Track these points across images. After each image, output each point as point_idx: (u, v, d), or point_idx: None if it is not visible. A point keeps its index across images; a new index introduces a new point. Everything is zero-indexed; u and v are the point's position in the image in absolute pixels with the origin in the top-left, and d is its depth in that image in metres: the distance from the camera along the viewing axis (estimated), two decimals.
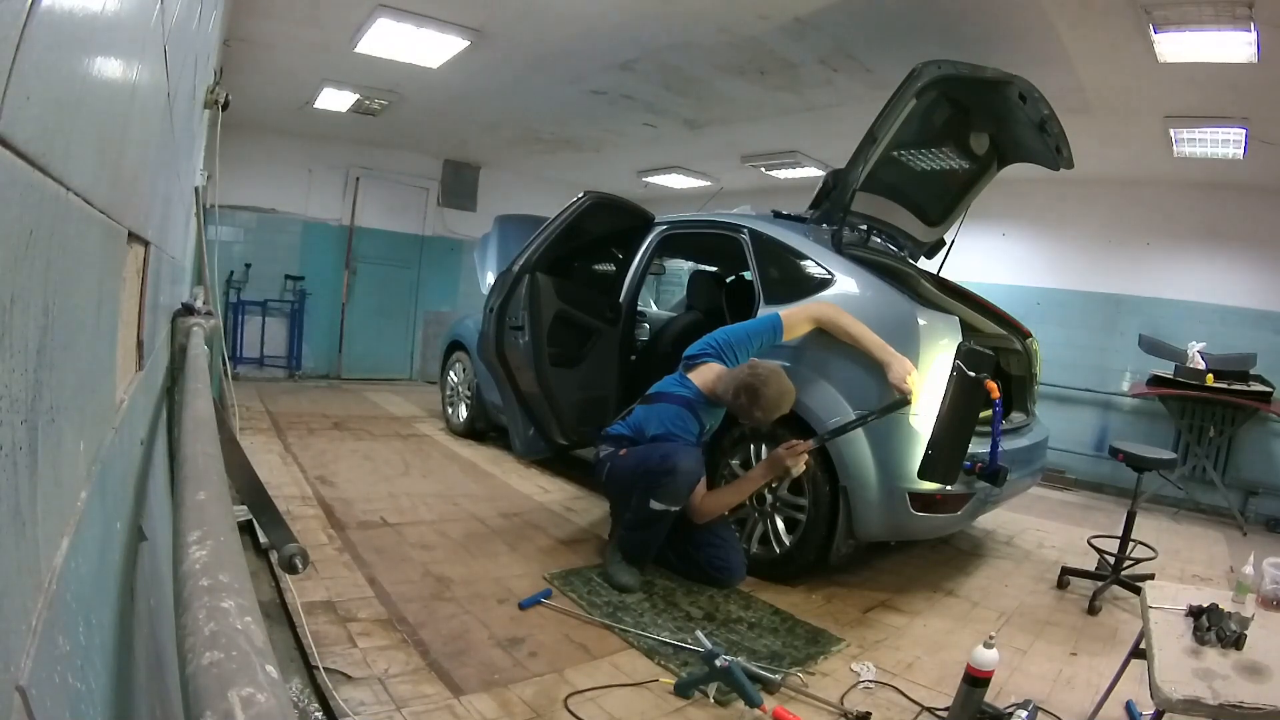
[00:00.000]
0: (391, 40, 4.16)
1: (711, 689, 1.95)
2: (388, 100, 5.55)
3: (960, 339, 2.66)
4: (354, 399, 6.43)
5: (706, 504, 2.73)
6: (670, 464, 2.57)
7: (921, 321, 2.69)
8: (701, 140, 5.85)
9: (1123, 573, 2.96)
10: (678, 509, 2.63)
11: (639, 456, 2.70)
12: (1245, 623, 1.60)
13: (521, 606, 2.42)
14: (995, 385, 2.59)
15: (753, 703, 1.87)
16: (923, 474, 2.56)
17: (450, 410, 5.35)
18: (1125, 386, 5.42)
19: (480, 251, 4.90)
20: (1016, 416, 3.52)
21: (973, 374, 2.53)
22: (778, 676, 2.03)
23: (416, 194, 7.91)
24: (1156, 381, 4.91)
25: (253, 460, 1.52)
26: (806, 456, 2.64)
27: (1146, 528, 3.83)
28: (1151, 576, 2.94)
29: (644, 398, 2.94)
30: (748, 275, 3.81)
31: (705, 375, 2.78)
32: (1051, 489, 5.27)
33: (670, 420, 2.73)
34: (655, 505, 2.59)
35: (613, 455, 2.85)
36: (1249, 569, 1.81)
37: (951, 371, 2.55)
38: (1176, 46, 3.08)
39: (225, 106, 2.46)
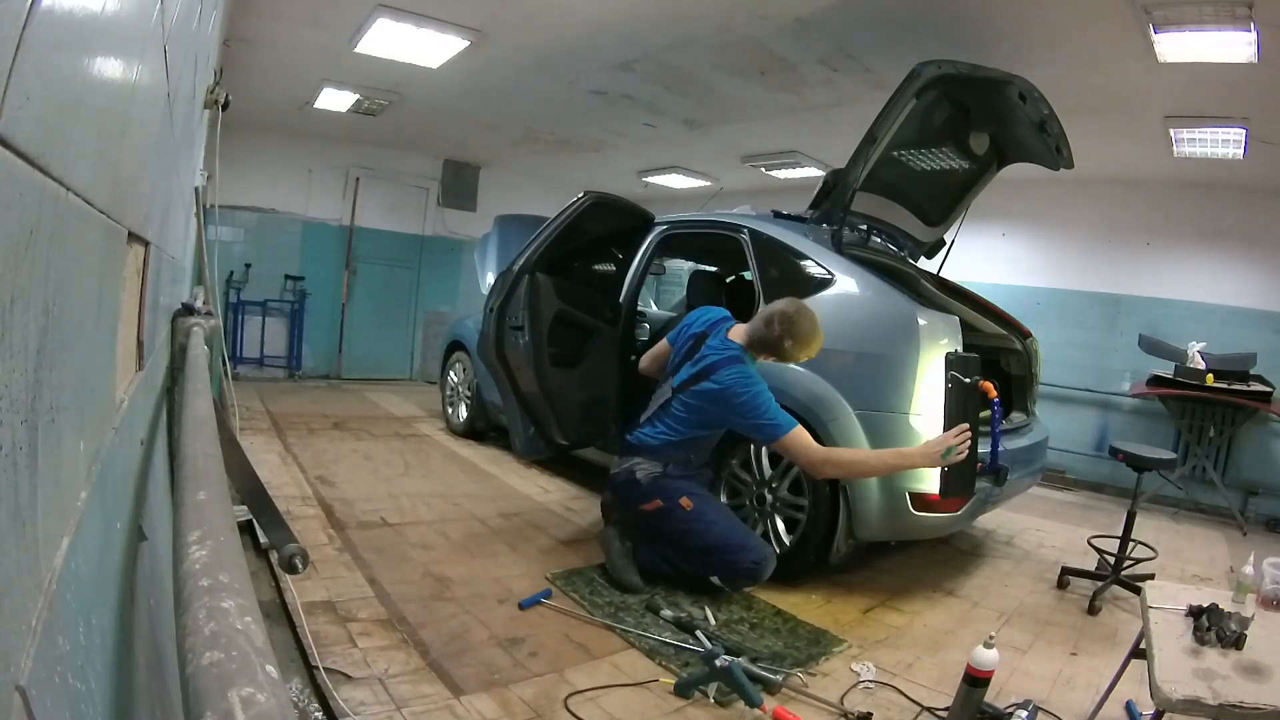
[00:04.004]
0: (391, 40, 4.16)
1: (712, 689, 1.95)
2: (388, 100, 5.54)
3: (959, 342, 2.67)
4: (354, 399, 6.43)
5: (841, 458, 2.55)
6: (758, 570, 2.57)
7: (921, 321, 2.69)
8: (701, 140, 5.85)
9: (1123, 573, 2.96)
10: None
11: (727, 537, 2.60)
12: (1245, 623, 1.60)
13: (521, 606, 2.41)
14: (991, 385, 2.60)
15: (753, 703, 1.87)
16: (945, 493, 2.57)
17: (450, 410, 5.35)
18: (1125, 386, 5.42)
19: (480, 251, 4.89)
20: (1017, 416, 3.52)
21: (967, 380, 2.55)
22: (778, 677, 2.02)
23: (416, 194, 7.90)
24: (1156, 381, 4.91)
25: (253, 460, 1.52)
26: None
27: (1146, 528, 3.83)
28: (1151, 576, 2.94)
29: (696, 376, 2.66)
30: (748, 275, 3.81)
31: (737, 331, 2.71)
32: (1051, 489, 5.26)
33: (747, 385, 2.54)
34: (715, 580, 2.63)
35: (660, 484, 2.67)
36: (1249, 569, 1.81)
37: (946, 384, 2.57)
38: (1176, 46, 3.08)
39: (225, 106, 2.46)
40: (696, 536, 2.63)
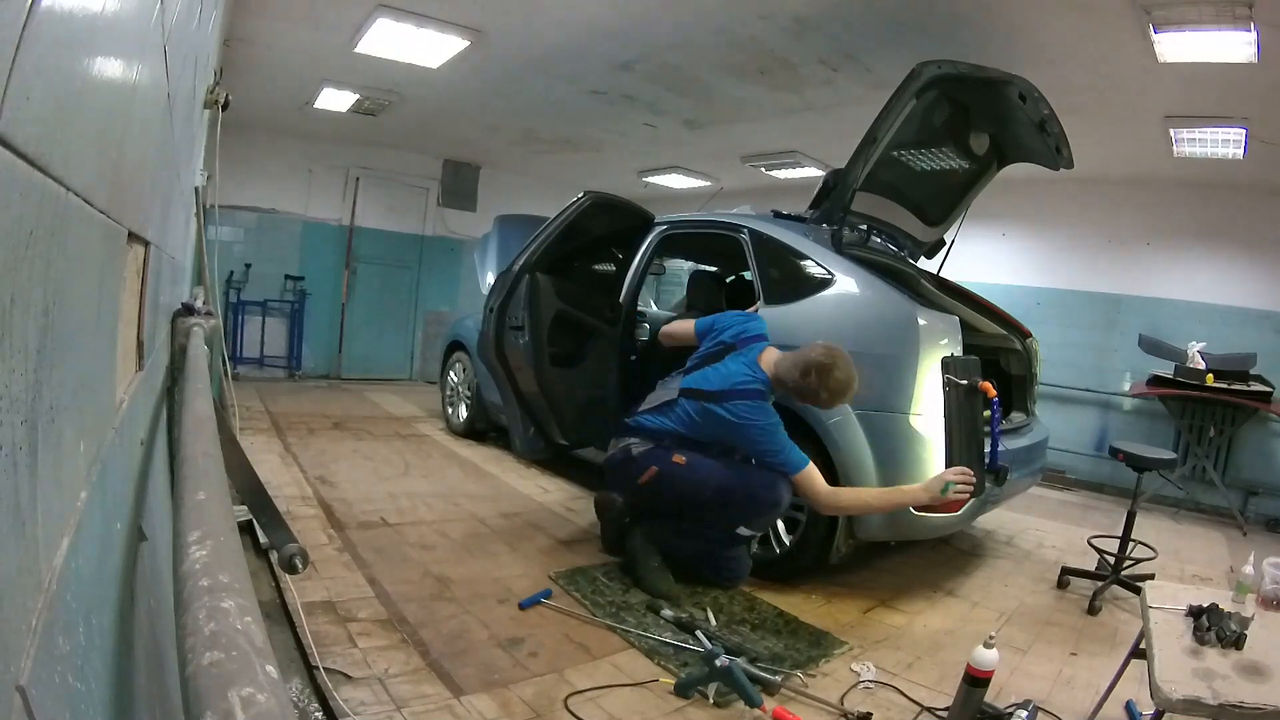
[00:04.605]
0: (391, 40, 4.16)
1: (711, 689, 1.95)
2: (388, 100, 5.55)
3: (959, 342, 2.67)
4: (354, 399, 6.43)
5: (843, 499, 2.55)
6: (777, 497, 2.49)
7: (921, 321, 2.69)
8: (701, 140, 5.85)
9: (1123, 573, 2.96)
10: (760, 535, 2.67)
11: (733, 477, 2.52)
12: (1245, 623, 1.60)
13: (521, 606, 2.41)
14: (990, 385, 2.60)
15: (752, 703, 1.87)
16: (944, 492, 2.57)
17: (450, 410, 5.35)
18: (1125, 386, 5.42)
19: (480, 251, 4.90)
20: (1017, 416, 3.52)
21: (965, 382, 2.56)
22: (778, 677, 2.02)
23: (416, 194, 7.91)
24: (1156, 381, 4.91)
25: (253, 460, 1.52)
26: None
27: (1146, 528, 3.83)
28: (1151, 576, 2.94)
29: (709, 395, 2.58)
30: (748, 275, 3.81)
31: (768, 359, 2.60)
32: (1051, 489, 5.26)
33: (764, 420, 2.50)
34: (744, 531, 2.59)
35: (655, 454, 2.62)
36: (1249, 569, 1.81)
37: (944, 387, 2.57)
38: (1176, 46, 3.08)
39: (225, 106, 2.46)
40: (703, 486, 2.53)
